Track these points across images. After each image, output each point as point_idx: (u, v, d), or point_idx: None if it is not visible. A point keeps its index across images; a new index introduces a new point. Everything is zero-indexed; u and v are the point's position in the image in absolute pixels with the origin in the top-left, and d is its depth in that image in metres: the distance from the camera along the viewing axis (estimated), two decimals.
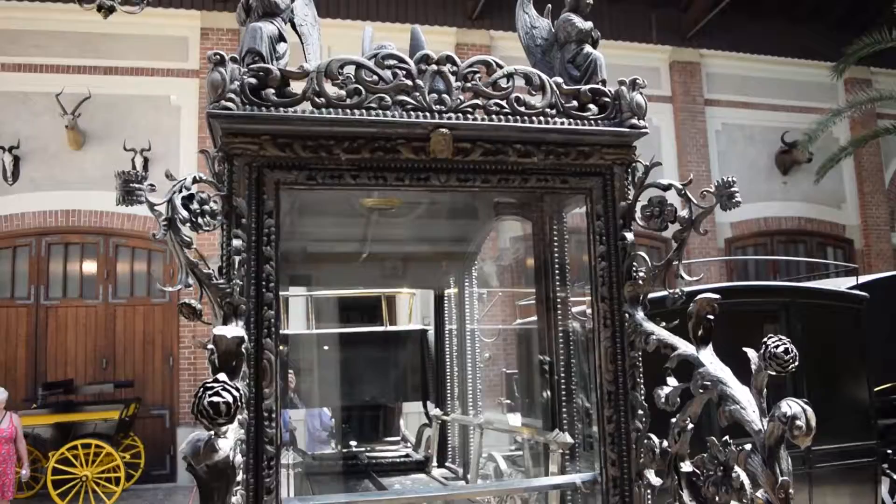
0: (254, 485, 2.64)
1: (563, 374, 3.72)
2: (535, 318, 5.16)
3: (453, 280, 5.62)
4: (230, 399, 1.78)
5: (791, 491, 2.25)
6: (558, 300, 3.77)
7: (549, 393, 3.85)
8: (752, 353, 2.41)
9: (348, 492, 4.12)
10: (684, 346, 2.73)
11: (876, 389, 5.72)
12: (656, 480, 2.92)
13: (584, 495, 3.57)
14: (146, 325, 12.58)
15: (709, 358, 2.62)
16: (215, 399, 1.77)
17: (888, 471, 6.23)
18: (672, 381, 2.75)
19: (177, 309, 2.55)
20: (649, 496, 2.99)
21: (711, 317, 2.67)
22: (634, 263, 3.07)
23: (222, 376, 1.82)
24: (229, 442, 1.82)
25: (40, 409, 10.92)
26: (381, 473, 4.87)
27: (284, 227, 3.05)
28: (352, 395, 6.02)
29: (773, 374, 2.34)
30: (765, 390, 2.40)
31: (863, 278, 7.11)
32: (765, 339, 2.35)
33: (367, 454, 5.56)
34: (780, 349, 2.31)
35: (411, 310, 7.44)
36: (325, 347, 5.90)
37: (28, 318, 12.36)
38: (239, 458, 1.86)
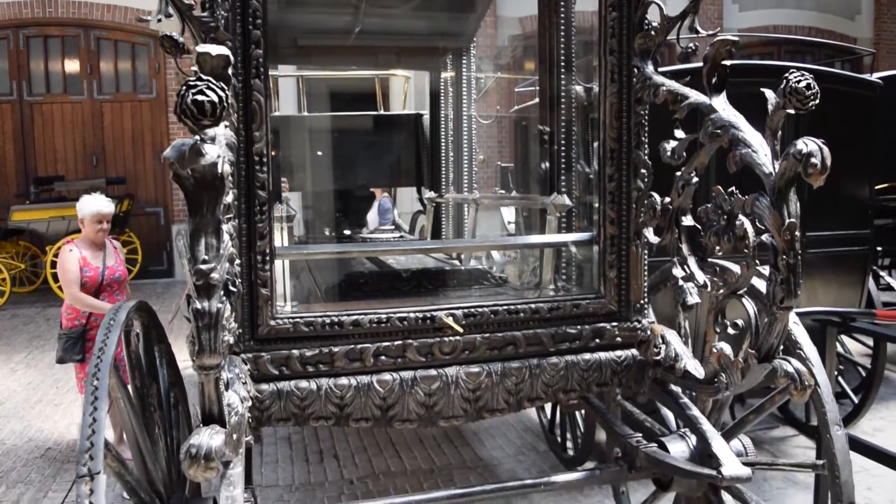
0: (246, 230, 2.58)
1: (562, 142, 3.60)
2: (534, 101, 4.99)
3: (450, 61, 5.38)
4: (215, 98, 1.65)
5: (797, 233, 2.20)
6: (562, 64, 3.58)
7: (547, 164, 3.76)
8: (769, 92, 2.27)
9: (341, 266, 4.11)
10: (696, 96, 2.59)
11: (875, 188, 5.68)
12: (654, 238, 2.88)
13: (579, 262, 3.58)
14: (134, 122, 12.32)
15: (721, 104, 2.48)
16: (199, 97, 1.64)
17: (875, 268, 6.34)
18: (679, 134, 2.65)
19: (161, 46, 2.36)
20: (646, 254, 2.97)
21: (727, 62, 2.51)
22: (647, 14, 2.87)
23: (206, 77, 1.68)
24: (216, 148, 1.71)
25: (34, 205, 10.91)
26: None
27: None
28: (345, 180, 5.94)
29: (793, 112, 2.22)
30: (780, 132, 2.29)
31: (876, 75, 6.87)
32: (786, 74, 2.20)
33: (360, 237, 5.55)
34: (802, 84, 2.17)
35: (405, 95, 7.22)
36: (318, 132, 5.74)
37: (12, 114, 12.06)
38: (227, 169, 1.75)
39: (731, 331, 2.53)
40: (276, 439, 5.60)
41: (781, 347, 2.36)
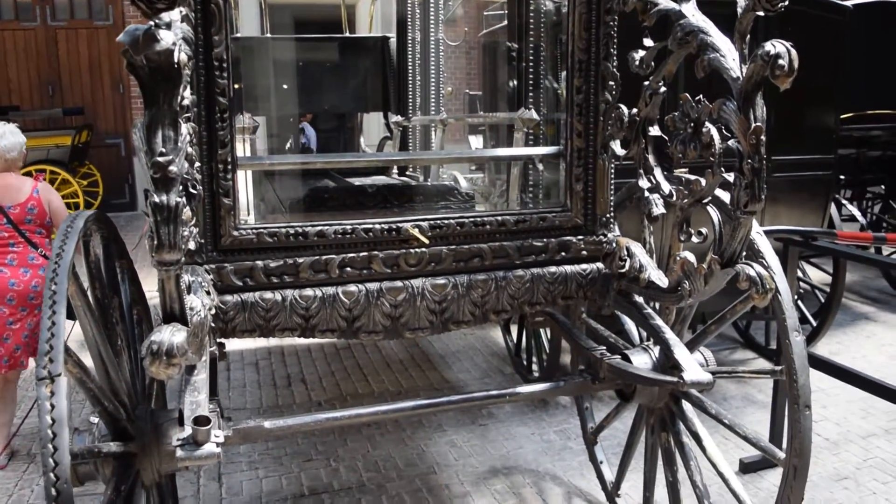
0: (207, 138, 2.52)
1: (531, 59, 3.55)
2: (502, 24, 4.91)
3: None
4: None
5: (763, 138, 2.19)
6: None
7: (515, 82, 3.71)
8: None
9: (306, 183, 4.05)
10: (665, 2, 2.54)
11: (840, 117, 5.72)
12: (620, 151, 2.87)
13: (546, 180, 3.57)
14: (91, 50, 11.91)
15: (691, 10, 2.44)
16: None
17: (836, 197, 6.43)
18: (648, 42, 2.62)
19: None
20: (612, 168, 2.97)
21: None
22: None
23: None
24: (171, 35, 1.65)
25: None
26: (342, 171, 4.80)
27: None
28: (310, 106, 5.83)
29: (762, 14, 2.19)
30: (748, 37, 2.27)
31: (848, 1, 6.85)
32: None
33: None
34: None
35: (371, 18, 7.05)
36: (280, 55, 5.58)
37: None
38: (184, 58, 1.69)
39: (695, 239, 2.55)
40: (244, 365, 5.62)
41: (744, 254, 2.38)
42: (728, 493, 2.94)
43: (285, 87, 5.70)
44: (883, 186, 7.82)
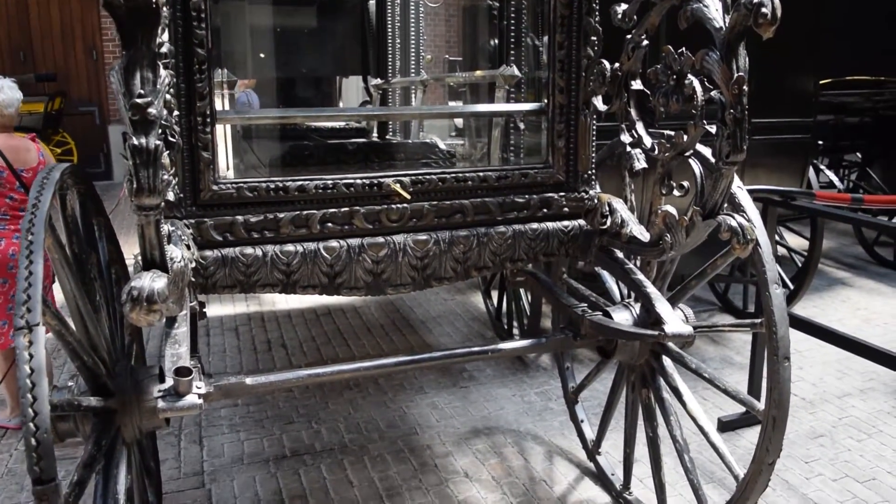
0: (185, 89, 2.48)
1: (512, 16, 3.52)
2: None
3: None
4: None
5: (745, 88, 2.19)
6: None
7: (497, 40, 3.68)
8: None
9: (285, 142, 4.01)
10: None
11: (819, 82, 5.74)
12: (602, 106, 2.86)
13: (527, 139, 3.56)
14: (63, 16, 11.64)
15: None
16: None
17: (815, 162, 6.48)
18: None
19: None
20: (594, 124, 2.96)
21: None
22: None
23: None
24: None
25: None
26: (322, 135, 4.75)
27: None
28: (287, 69, 5.74)
29: None
30: None
31: None
32: None
33: (306, 123, 5.39)
34: None
35: None
36: (257, 17, 5.48)
37: None
38: None
39: (676, 193, 2.55)
40: (224, 330, 5.59)
41: (725, 206, 2.39)
42: (707, 449, 2.99)
43: (262, 54, 5.62)
44: (859, 154, 7.89)
